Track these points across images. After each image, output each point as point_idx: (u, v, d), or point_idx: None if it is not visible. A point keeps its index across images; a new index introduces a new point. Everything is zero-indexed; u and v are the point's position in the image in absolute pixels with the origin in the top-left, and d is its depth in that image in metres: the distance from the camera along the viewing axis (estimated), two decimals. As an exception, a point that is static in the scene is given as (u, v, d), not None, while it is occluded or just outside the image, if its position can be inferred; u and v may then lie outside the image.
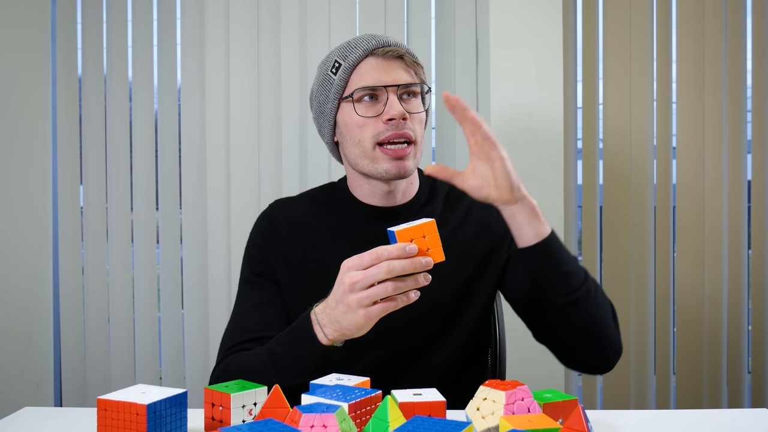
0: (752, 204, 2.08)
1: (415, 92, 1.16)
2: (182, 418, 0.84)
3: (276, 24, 2.00)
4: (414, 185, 1.23)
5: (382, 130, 1.12)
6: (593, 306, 1.06)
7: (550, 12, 1.90)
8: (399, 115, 1.10)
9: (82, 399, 2.08)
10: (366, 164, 1.14)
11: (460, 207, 1.23)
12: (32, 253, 2.07)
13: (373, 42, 1.14)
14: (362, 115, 1.13)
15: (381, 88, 1.12)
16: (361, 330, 0.93)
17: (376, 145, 1.12)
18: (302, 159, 2.00)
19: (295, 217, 1.23)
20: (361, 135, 1.13)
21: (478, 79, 2.00)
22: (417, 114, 1.14)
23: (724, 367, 2.05)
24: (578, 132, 2.06)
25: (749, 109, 2.07)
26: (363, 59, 1.14)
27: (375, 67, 1.13)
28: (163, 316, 2.08)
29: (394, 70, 1.13)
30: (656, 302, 2.06)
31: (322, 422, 0.72)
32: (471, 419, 0.83)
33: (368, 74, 1.13)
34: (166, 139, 2.06)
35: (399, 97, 1.12)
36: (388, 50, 1.14)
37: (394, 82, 1.12)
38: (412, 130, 1.13)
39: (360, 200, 1.21)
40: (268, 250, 1.21)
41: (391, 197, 1.20)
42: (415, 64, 1.16)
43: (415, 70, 1.16)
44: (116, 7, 2.05)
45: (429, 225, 0.89)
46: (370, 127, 1.12)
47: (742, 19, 2.03)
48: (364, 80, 1.13)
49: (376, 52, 1.14)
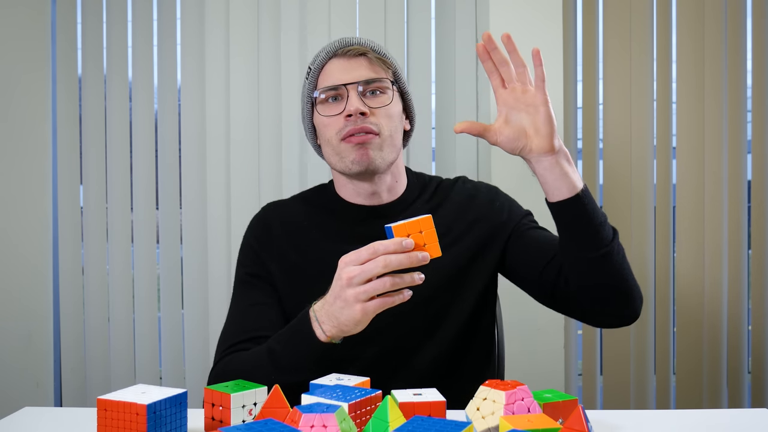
0: (752, 204, 2.08)
1: (381, 87, 1.17)
2: (182, 418, 0.84)
3: (276, 24, 2.00)
4: (400, 183, 1.24)
5: (342, 126, 1.15)
6: (622, 257, 1.07)
7: (550, 12, 1.90)
8: (355, 111, 1.13)
9: (82, 399, 2.08)
10: (337, 161, 1.17)
11: (450, 201, 1.24)
12: (32, 253, 2.07)
13: (336, 44, 1.18)
14: (324, 114, 1.17)
15: (341, 87, 1.16)
16: (358, 325, 0.94)
17: (341, 140, 1.15)
18: (302, 159, 2.00)
19: (287, 217, 1.25)
20: (328, 133, 1.17)
21: (478, 79, 2.00)
22: (381, 108, 1.16)
23: (724, 367, 2.05)
24: (578, 132, 2.06)
25: (749, 109, 2.07)
26: (327, 61, 1.18)
27: (338, 68, 1.17)
28: (163, 316, 2.08)
29: (355, 69, 1.16)
30: (656, 302, 2.06)
31: (322, 422, 0.72)
32: (471, 419, 0.83)
33: (330, 75, 1.17)
34: (166, 139, 2.06)
35: (363, 94, 1.15)
36: (349, 49, 1.17)
37: (352, 80, 1.15)
38: (374, 124, 1.14)
39: (346, 200, 1.23)
40: (263, 250, 1.22)
41: (376, 197, 1.21)
42: (380, 60, 1.17)
43: (383, 67, 1.18)
44: (116, 7, 2.05)
45: (426, 221, 0.90)
46: (333, 125, 1.16)
47: (742, 19, 2.03)
48: (326, 81, 1.17)
49: (338, 53, 1.17)
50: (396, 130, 1.19)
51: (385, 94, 1.18)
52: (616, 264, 1.06)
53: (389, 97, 1.18)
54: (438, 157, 2.04)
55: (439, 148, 2.03)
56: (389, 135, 1.16)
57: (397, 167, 1.22)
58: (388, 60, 1.19)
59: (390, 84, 1.18)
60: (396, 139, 1.19)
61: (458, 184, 1.28)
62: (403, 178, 1.25)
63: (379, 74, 1.17)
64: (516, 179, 1.91)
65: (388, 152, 1.17)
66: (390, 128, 1.17)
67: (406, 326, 1.16)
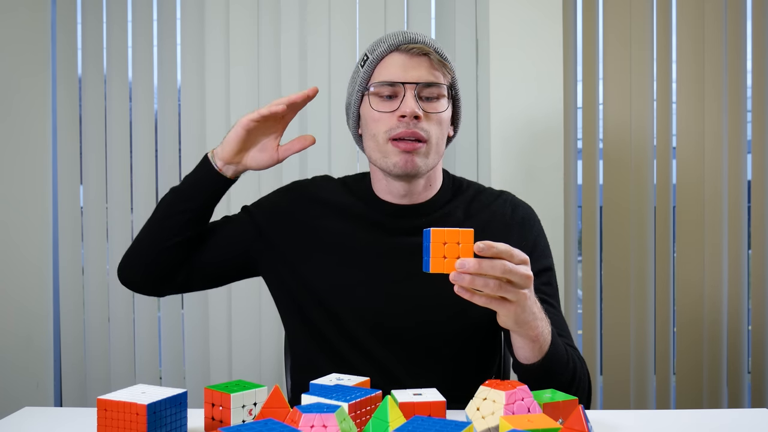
0: (752, 204, 2.08)
1: (438, 93, 1.14)
2: (182, 418, 0.84)
3: (276, 24, 2.00)
4: (433, 187, 1.22)
5: (394, 126, 1.12)
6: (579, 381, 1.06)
7: (550, 12, 1.90)
8: (410, 113, 1.10)
9: (82, 399, 2.08)
10: (379, 158, 1.14)
11: (481, 216, 1.22)
12: (32, 253, 2.07)
13: (400, 37, 1.14)
14: (377, 109, 1.13)
15: (399, 85, 1.12)
16: (244, 146, 1.16)
17: (389, 140, 1.12)
18: (302, 158, 2.01)
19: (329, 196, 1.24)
20: (376, 129, 1.14)
21: (478, 79, 2.00)
22: (434, 114, 1.13)
23: (724, 367, 2.05)
24: (578, 132, 2.06)
25: (749, 109, 2.07)
26: (387, 54, 1.14)
27: (397, 63, 1.13)
28: (163, 316, 2.08)
29: (416, 68, 1.12)
30: (656, 302, 2.06)
31: (322, 422, 0.72)
32: (471, 419, 0.83)
33: (389, 69, 1.13)
34: (166, 139, 2.06)
35: (418, 95, 1.12)
36: (413, 47, 1.12)
37: (412, 80, 1.12)
38: (425, 130, 1.12)
39: (377, 195, 1.21)
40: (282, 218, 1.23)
41: (407, 198, 1.20)
42: (442, 64, 1.14)
43: (443, 71, 1.14)
44: (116, 7, 2.05)
45: (466, 234, 0.87)
46: (384, 122, 1.13)
47: (742, 19, 2.03)
48: (384, 75, 1.13)
49: (401, 47, 1.13)
50: (443, 138, 1.16)
51: (440, 100, 1.14)
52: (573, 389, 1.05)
53: (443, 105, 1.14)
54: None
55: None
56: (436, 142, 1.14)
57: (433, 171, 1.20)
58: (449, 65, 1.16)
59: (447, 91, 1.15)
60: (441, 146, 1.16)
61: (501, 198, 1.25)
62: (438, 181, 1.23)
63: (439, 79, 1.14)
64: (516, 180, 1.91)
65: (433, 159, 1.15)
66: (438, 135, 1.14)
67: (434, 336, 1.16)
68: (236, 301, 2.00)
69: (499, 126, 1.90)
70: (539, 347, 1.00)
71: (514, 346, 1.02)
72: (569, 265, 1.98)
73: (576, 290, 2.10)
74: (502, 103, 1.90)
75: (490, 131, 1.92)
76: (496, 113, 1.91)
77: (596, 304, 2.07)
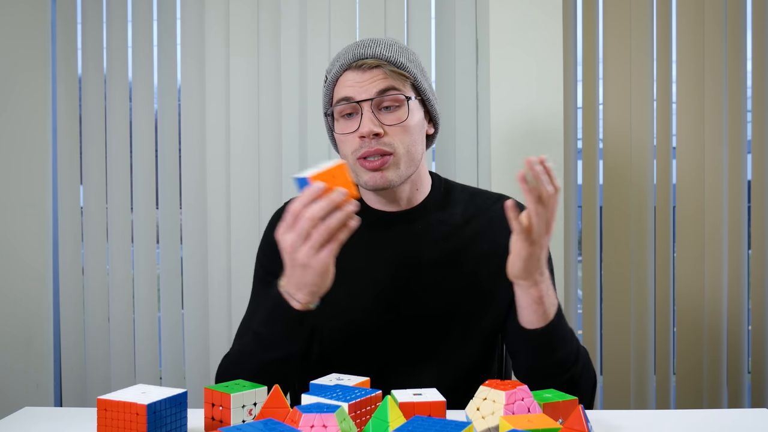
0: (752, 204, 2.08)
1: (396, 101, 1.12)
2: (182, 418, 0.84)
3: (276, 24, 2.00)
4: (421, 191, 1.22)
5: (357, 146, 1.12)
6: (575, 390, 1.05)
7: (550, 12, 1.90)
8: (368, 133, 1.10)
9: (82, 399, 2.08)
10: (354, 176, 1.14)
11: (480, 219, 1.22)
12: (32, 253, 2.07)
13: (350, 55, 1.13)
14: (340, 132, 1.14)
15: (356, 102, 1.11)
16: (325, 279, 0.97)
17: (357, 159, 1.13)
18: (302, 158, 2.00)
19: None
20: (344, 150, 1.15)
21: (478, 79, 2.00)
22: (398, 125, 1.11)
23: (724, 367, 2.05)
24: (578, 132, 2.05)
25: (749, 109, 2.07)
26: (342, 73, 1.14)
27: (351, 82, 1.12)
28: (163, 316, 2.08)
29: (370, 82, 1.11)
30: (656, 302, 2.06)
31: (322, 422, 0.72)
32: (471, 419, 0.83)
33: (345, 89, 1.13)
34: (166, 139, 2.06)
35: (378, 108, 1.11)
36: (362, 62, 1.11)
37: (366, 96, 1.11)
38: (388, 145, 1.11)
39: (368, 204, 1.22)
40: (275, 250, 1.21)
41: (395, 204, 1.20)
42: (397, 72, 1.12)
43: (401, 78, 1.13)
44: (116, 7, 2.05)
45: (338, 168, 0.93)
46: (349, 143, 1.13)
47: (742, 19, 2.03)
48: (341, 93, 1.14)
49: (353, 65, 1.12)
50: (414, 143, 1.14)
51: (401, 108, 1.12)
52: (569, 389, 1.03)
53: (405, 112, 1.12)
54: (438, 157, 2.04)
55: (439, 148, 2.03)
56: (406, 151, 1.13)
57: (417, 175, 1.19)
58: (406, 70, 1.13)
59: (406, 98, 1.13)
60: (414, 152, 1.14)
61: (500, 201, 1.23)
62: (425, 185, 1.22)
63: (396, 86, 1.12)
64: (515, 180, 1.91)
65: (406, 168, 1.13)
66: (407, 144, 1.12)
67: (430, 340, 1.17)
68: (236, 302, 2.00)
69: (499, 126, 1.90)
70: (543, 312, 1.02)
71: (519, 306, 1.04)
72: (569, 265, 1.98)
73: (576, 290, 2.10)
74: (502, 103, 1.90)
75: (490, 131, 1.92)
76: (496, 113, 1.91)
77: (596, 304, 2.07)
